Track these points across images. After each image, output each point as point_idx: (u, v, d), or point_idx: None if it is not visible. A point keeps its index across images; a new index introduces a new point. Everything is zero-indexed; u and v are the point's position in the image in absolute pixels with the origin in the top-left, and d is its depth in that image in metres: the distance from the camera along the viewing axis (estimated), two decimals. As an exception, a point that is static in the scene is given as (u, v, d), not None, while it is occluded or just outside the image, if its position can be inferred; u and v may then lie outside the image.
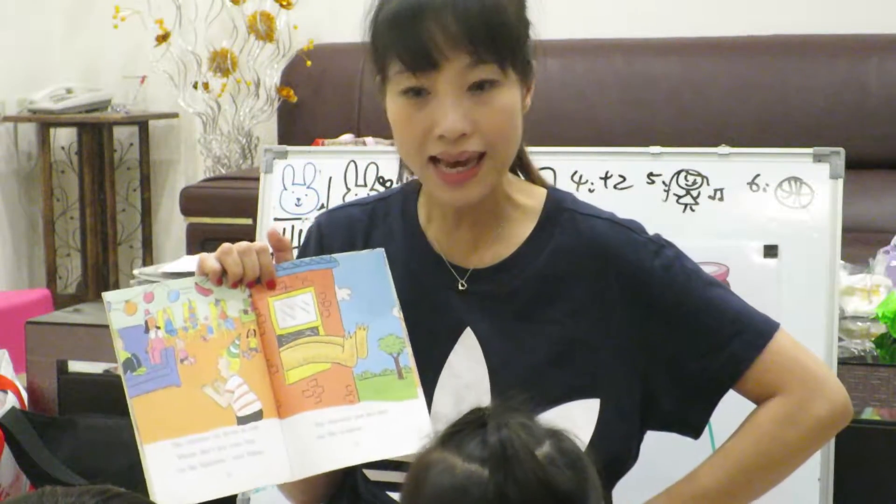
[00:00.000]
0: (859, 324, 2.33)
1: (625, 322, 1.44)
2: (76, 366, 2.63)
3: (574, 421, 1.41)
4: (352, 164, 2.08)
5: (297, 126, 4.73)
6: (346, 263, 1.41)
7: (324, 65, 4.62)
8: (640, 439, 1.49)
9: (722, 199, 1.91)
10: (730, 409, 1.84)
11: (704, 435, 1.83)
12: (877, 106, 4.14)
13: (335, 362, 1.37)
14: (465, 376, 1.45)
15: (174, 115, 5.10)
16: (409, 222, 1.51)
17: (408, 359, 1.39)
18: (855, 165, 2.56)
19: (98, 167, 5.03)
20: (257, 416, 1.33)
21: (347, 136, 4.11)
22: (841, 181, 1.87)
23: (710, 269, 1.88)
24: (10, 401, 2.54)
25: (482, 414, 1.15)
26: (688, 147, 1.97)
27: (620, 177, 1.95)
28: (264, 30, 4.73)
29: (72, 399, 2.56)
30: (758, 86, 4.24)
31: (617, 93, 4.34)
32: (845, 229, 1.87)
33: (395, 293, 1.41)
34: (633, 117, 4.30)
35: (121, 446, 2.38)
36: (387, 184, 2.05)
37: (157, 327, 1.34)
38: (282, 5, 4.70)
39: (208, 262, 1.38)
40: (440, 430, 1.42)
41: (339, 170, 2.08)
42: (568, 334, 1.43)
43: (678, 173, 1.93)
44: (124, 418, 1.32)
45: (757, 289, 1.86)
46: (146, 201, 5.11)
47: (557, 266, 1.45)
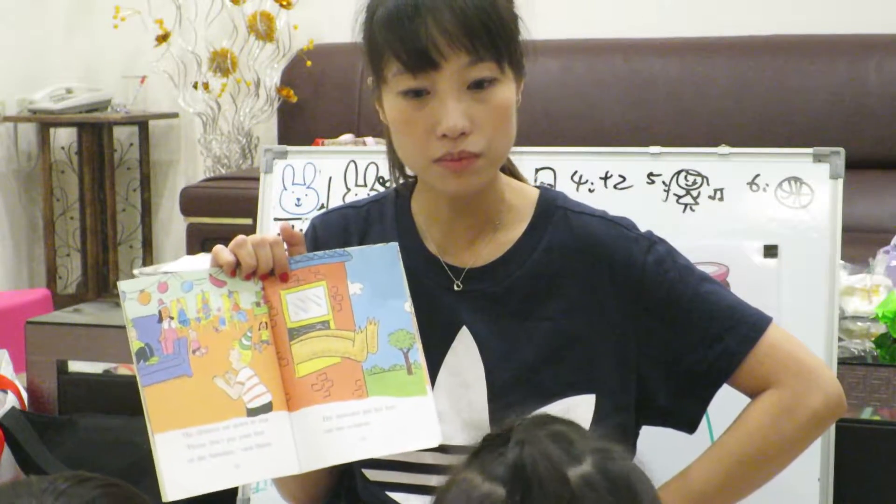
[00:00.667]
0: (859, 324, 2.33)
1: (618, 317, 1.44)
2: (76, 366, 2.63)
3: (570, 416, 1.42)
4: (352, 164, 2.09)
5: (297, 126, 4.73)
6: (359, 257, 1.42)
7: (324, 65, 4.62)
8: (637, 434, 1.50)
9: (722, 199, 1.91)
10: (728, 404, 1.84)
11: (703, 431, 1.83)
12: (877, 106, 4.14)
13: (345, 357, 1.38)
14: (463, 375, 1.45)
15: (174, 115, 5.10)
16: (404, 223, 1.51)
17: (417, 355, 1.40)
18: (855, 165, 2.56)
19: (98, 167, 5.03)
20: (267, 408, 1.35)
21: (347, 136, 4.10)
22: (841, 181, 1.87)
23: (710, 269, 1.88)
24: (10, 401, 2.54)
25: (511, 426, 1.06)
26: (688, 147, 1.97)
27: (620, 177, 1.95)
28: (264, 30, 4.73)
29: (72, 399, 2.56)
30: (758, 86, 4.24)
31: (617, 93, 4.34)
32: (845, 229, 1.87)
33: (408, 288, 1.42)
34: (633, 117, 4.30)
35: (121, 446, 2.38)
36: (387, 184, 2.05)
37: (171, 317, 1.35)
38: (282, 5, 4.70)
39: (223, 253, 1.39)
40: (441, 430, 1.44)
41: (339, 170, 2.08)
42: (562, 331, 1.44)
43: (678, 173, 1.93)
44: (124, 418, 1.33)
45: (757, 289, 1.86)
46: (146, 201, 5.11)
47: (551, 264, 1.46)
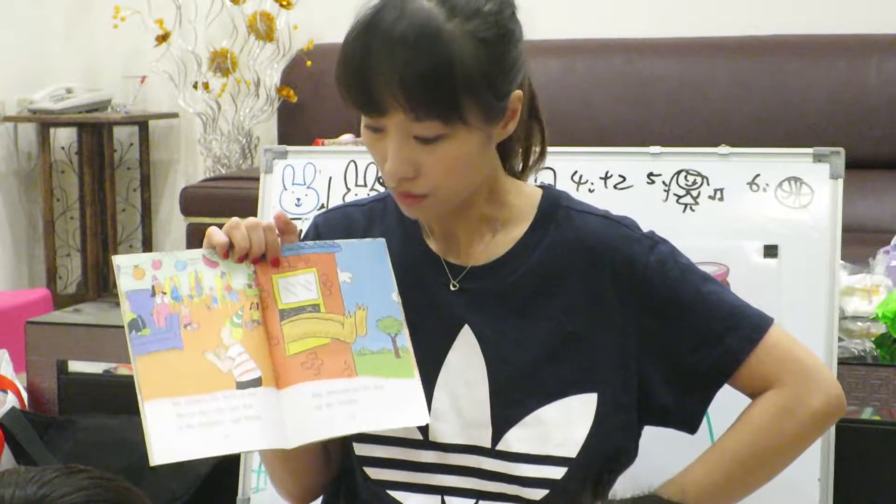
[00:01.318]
0: (859, 324, 2.33)
1: (620, 316, 1.45)
2: (76, 366, 2.63)
3: (571, 415, 1.42)
4: (352, 164, 2.08)
5: (297, 126, 4.73)
6: (348, 249, 1.45)
7: (324, 65, 4.61)
8: (639, 434, 1.50)
9: (722, 199, 1.91)
10: (728, 404, 1.84)
11: (704, 431, 1.83)
12: (877, 106, 4.14)
13: (335, 338, 1.40)
14: (464, 374, 1.46)
15: (174, 115, 5.10)
16: (405, 222, 1.52)
17: (405, 340, 1.42)
18: (855, 165, 2.56)
19: (98, 167, 5.03)
20: (257, 382, 1.36)
21: (347, 136, 4.10)
22: (841, 181, 1.87)
23: (710, 269, 1.88)
24: (10, 401, 2.54)
25: None
26: (688, 147, 1.97)
27: (620, 177, 1.95)
28: (264, 30, 4.73)
29: (72, 399, 2.56)
30: (758, 86, 4.24)
31: (617, 93, 4.35)
32: (845, 229, 1.87)
33: (395, 280, 1.44)
34: (633, 117, 4.30)
35: (121, 446, 2.38)
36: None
37: (164, 293, 1.37)
38: (282, 5, 4.70)
39: (216, 235, 1.41)
40: (439, 428, 1.44)
41: (339, 170, 2.08)
42: (564, 330, 1.44)
43: (678, 173, 1.93)
44: (124, 418, 1.33)
45: (757, 289, 1.86)
46: (146, 201, 5.11)
47: (553, 263, 1.46)
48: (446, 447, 1.46)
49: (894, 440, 2.06)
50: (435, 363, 1.46)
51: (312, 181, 2.10)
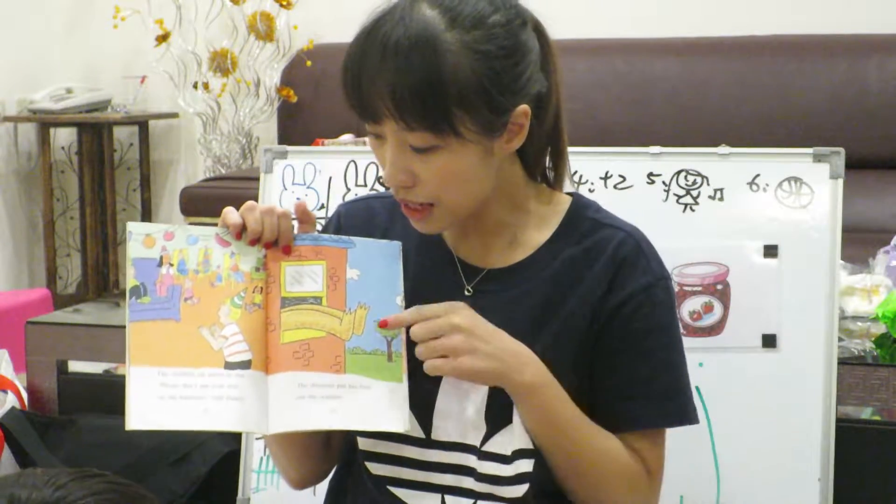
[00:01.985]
0: (859, 324, 2.33)
1: (590, 326, 1.45)
2: (76, 366, 2.63)
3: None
4: (352, 164, 2.09)
5: (297, 126, 4.73)
6: (361, 247, 1.45)
7: (324, 65, 4.62)
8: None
9: (722, 199, 1.91)
10: (729, 405, 1.85)
11: (704, 432, 1.83)
12: (877, 106, 4.14)
13: (330, 332, 1.40)
14: None
15: (174, 115, 5.10)
16: None
17: (400, 346, 1.42)
18: (855, 165, 2.56)
19: (98, 167, 5.03)
20: (245, 365, 1.37)
21: (347, 136, 4.10)
22: (841, 181, 1.87)
23: (710, 269, 1.88)
24: (10, 401, 2.54)
25: None
26: (688, 147, 1.97)
27: (620, 177, 1.95)
28: (264, 30, 4.73)
29: (72, 399, 2.56)
30: (758, 86, 4.24)
31: (617, 93, 4.35)
32: (845, 229, 1.87)
33: (403, 285, 1.44)
34: (633, 117, 4.30)
35: (121, 446, 2.38)
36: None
37: (171, 264, 1.39)
38: (282, 5, 4.70)
39: (231, 215, 1.42)
40: (441, 427, 1.44)
41: (339, 170, 2.08)
42: (562, 341, 1.44)
43: (678, 173, 1.93)
44: (124, 418, 1.33)
45: (757, 289, 1.86)
46: (146, 201, 5.11)
47: (568, 274, 1.46)
48: (446, 445, 1.46)
49: (894, 440, 2.06)
50: None
51: (312, 181, 2.10)
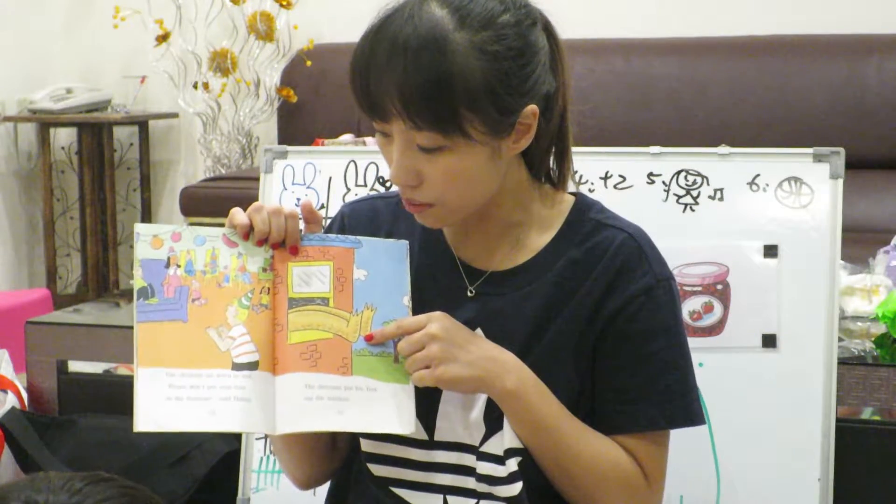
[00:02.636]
0: (859, 324, 2.33)
1: (592, 317, 1.44)
2: (76, 366, 2.63)
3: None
4: (352, 164, 2.08)
5: (297, 126, 4.73)
6: (368, 247, 1.45)
7: (324, 65, 4.62)
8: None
9: (722, 199, 1.91)
10: (728, 405, 1.85)
11: (705, 432, 1.83)
12: (877, 106, 4.14)
13: (337, 334, 1.40)
14: None
15: (174, 115, 5.10)
16: None
17: None
18: (855, 165, 2.56)
19: (98, 167, 5.03)
20: (253, 366, 1.37)
21: (347, 136, 4.11)
22: (841, 181, 1.87)
23: (710, 269, 1.88)
24: (10, 401, 2.54)
25: None
26: (688, 147, 1.97)
27: (620, 177, 1.95)
28: (264, 30, 4.73)
29: (72, 399, 2.56)
30: (758, 86, 4.24)
31: (617, 93, 4.34)
32: (845, 229, 1.87)
33: (410, 285, 1.44)
34: (633, 117, 4.30)
35: (121, 446, 2.38)
36: (387, 184, 2.05)
37: (178, 265, 1.39)
38: (282, 5, 4.70)
39: (238, 216, 1.42)
40: (444, 428, 1.44)
41: (339, 170, 2.08)
42: (564, 341, 1.44)
43: (678, 173, 1.93)
44: (124, 418, 1.34)
45: (757, 289, 1.86)
46: (146, 201, 5.11)
47: (571, 276, 1.45)
48: (448, 446, 1.46)
49: (894, 440, 2.06)
50: None
51: (312, 181, 2.10)
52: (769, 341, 1.85)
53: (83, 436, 2.47)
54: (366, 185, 2.07)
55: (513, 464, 1.42)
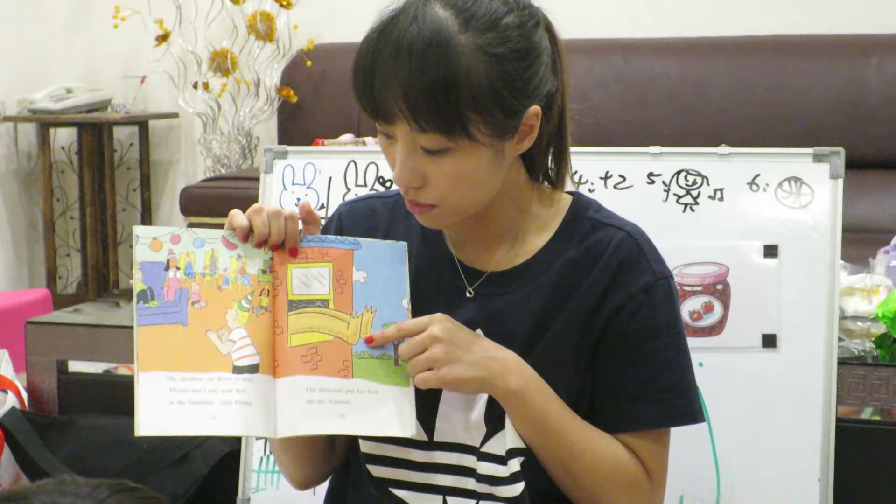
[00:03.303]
0: (859, 324, 2.34)
1: (589, 325, 1.44)
2: (76, 366, 2.63)
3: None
4: (352, 164, 2.08)
5: (297, 126, 4.73)
6: (367, 248, 1.45)
7: (324, 65, 4.62)
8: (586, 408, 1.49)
9: (722, 199, 1.91)
10: (728, 406, 1.84)
11: (704, 432, 1.83)
12: (877, 106, 4.14)
13: (338, 336, 1.40)
14: None
15: (174, 115, 5.10)
16: None
17: None
18: (855, 165, 2.56)
19: (98, 167, 5.03)
20: (253, 369, 1.37)
21: (347, 136, 4.10)
22: (841, 181, 1.87)
23: (710, 269, 1.88)
24: (10, 401, 2.54)
25: None
26: (688, 147, 1.97)
27: (620, 177, 1.95)
28: (264, 30, 4.73)
29: (72, 399, 2.56)
30: (758, 86, 4.24)
31: (617, 93, 4.35)
32: (845, 229, 1.87)
33: (409, 287, 1.44)
34: (633, 117, 4.30)
35: (121, 446, 2.38)
36: (387, 184, 2.05)
37: (177, 268, 1.39)
38: (282, 5, 4.70)
39: (237, 218, 1.42)
40: (443, 428, 1.44)
41: (339, 170, 2.08)
42: (563, 344, 1.44)
43: (678, 173, 1.93)
44: (124, 418, 1.33)
45: (757, 289, 1.86)
46: (146, 201, 5.11)
47: (569, 276, 1.45)
48: (448, 447, 1.46)
49: (894, 440, 2.06)
50: None
51: (312, 181, 2.10)
52: (769, 341, 1.85)
53: (83, 436, 2.47)
54: (366, 185, 2.07)
55: (515, 464, 1.42)
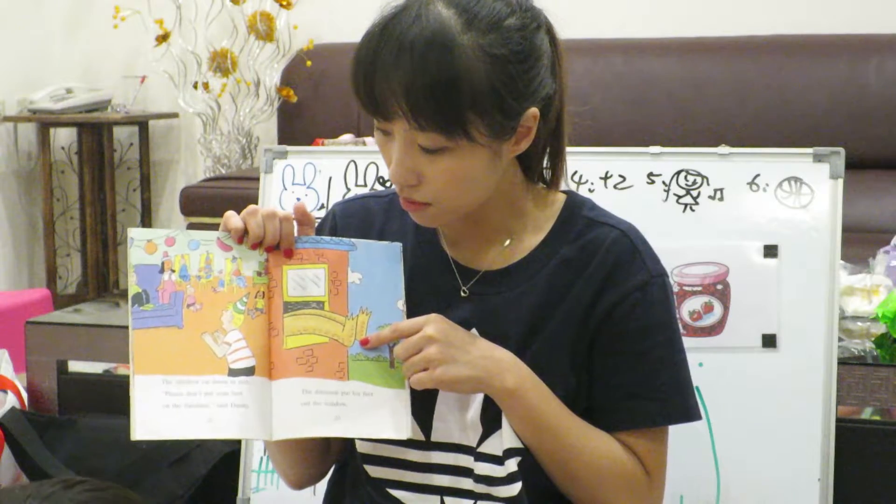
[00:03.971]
0: (859, 324, 2.34)
1: (584, 325, 1.44)
2: (76, 366, 2.63)
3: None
4: (352, 164, 2.08)
5: (297, 126, 4.73)
6: (362, 249, 1.45)
7: (324, 65, 4.62)
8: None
9: (722, 199, 1.91)
10: (728, 406, 1.85)
11: (705, 432, 1.83)
12: (877, 106, 4.14)
13: (333, 338, 1.40)
14: None
15: (174, 115, 5.10)
16: None
17: None
18: (855, 165, 2.56)
19: (98, 167, 5.03)
20: (249, 371, 1.37)
21: (347, 136, 4.11)
22: (841, 181, 1.87)
23: (710, 269, 1.88)
24: (10, 401, 2.54)
25: None
26: (688, 147, 1.97)
27: (620, 177, 1.95)
28: (264, 30, 4.73)
29: (72, 399, 2.56)
30: (758, 86, 4.24)
31: (617, 93, 4.35)
32: (845, 229, 1.87)
33: (404, 288, 1.44)
34: (633, 117, 4.31)
35: (121, 446, 2.38)
36: (386, 184, 2.05)
37: (172, 270, 1.38)
38: (282, 5, 4.70)
39: (232, 219, 1.42)
40: (440, 428, 1.44)
41: (339, 170, 2.08)
42: (558, 343, 1.44)
43: (678, 173, 1.93)
44: (124, 418, 1.33)
45: (757, 289, 1.86)
46: (146, 201, 5.11)
47: (563, 275, 1.45)
48: (445, 447, 1.46)
49: (894, 440, 2.06)
50: None
51: (312, 181, 2.10)
52: (769, 341, 1.85)
53: (83, 436, 2.47)
54: (366, 185, 2.07)
55: (512, 464, 1.42)
